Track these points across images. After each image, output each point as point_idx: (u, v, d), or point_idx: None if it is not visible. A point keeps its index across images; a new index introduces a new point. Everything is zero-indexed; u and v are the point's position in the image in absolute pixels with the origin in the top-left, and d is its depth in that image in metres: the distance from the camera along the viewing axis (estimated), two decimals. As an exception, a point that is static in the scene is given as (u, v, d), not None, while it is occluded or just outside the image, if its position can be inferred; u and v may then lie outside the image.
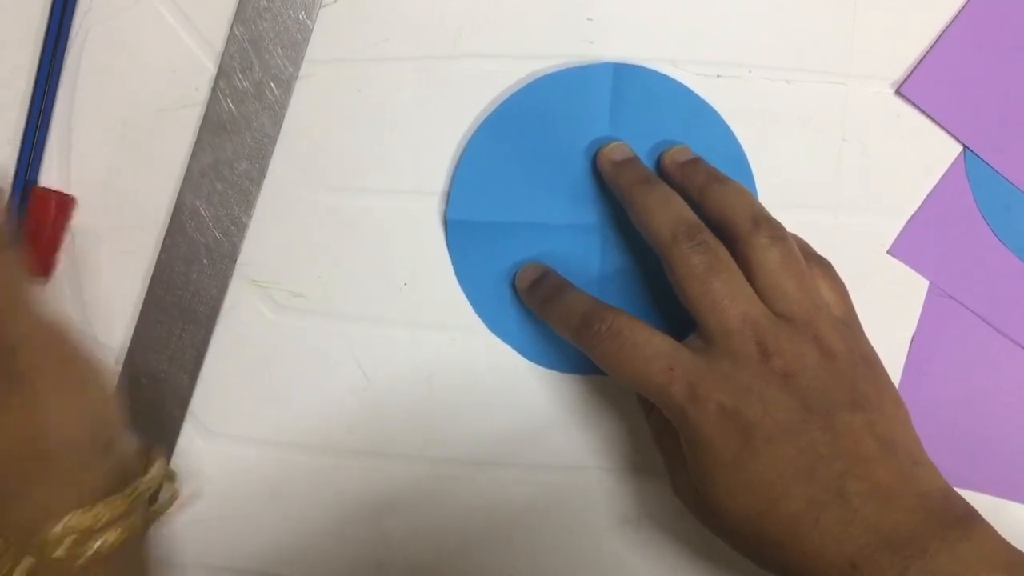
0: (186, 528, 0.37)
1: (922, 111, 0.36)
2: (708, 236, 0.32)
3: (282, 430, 0.37)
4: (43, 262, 0.36)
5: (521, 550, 0.37)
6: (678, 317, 0.33)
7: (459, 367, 0.37)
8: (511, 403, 0.37)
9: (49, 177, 0.37)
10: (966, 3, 0.36)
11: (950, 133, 0.36)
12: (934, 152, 0.37)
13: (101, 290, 0.37)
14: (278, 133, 0.36)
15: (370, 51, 0.36)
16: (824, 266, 0.34)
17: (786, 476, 0.29)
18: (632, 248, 0.36)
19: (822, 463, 0.29)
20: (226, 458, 0.37)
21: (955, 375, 0.37)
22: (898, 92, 0.36)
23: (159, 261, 0.37)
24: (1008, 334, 0.37)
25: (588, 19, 0.36)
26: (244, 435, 0.37)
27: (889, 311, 0.37)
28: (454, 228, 0.36)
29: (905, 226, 0.37)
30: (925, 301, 0.37)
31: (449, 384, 0.37)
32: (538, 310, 0.35)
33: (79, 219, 0.37)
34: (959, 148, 0.37)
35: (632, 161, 0.35)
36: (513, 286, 0.36)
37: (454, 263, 0.36)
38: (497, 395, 0.37)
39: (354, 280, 0.37)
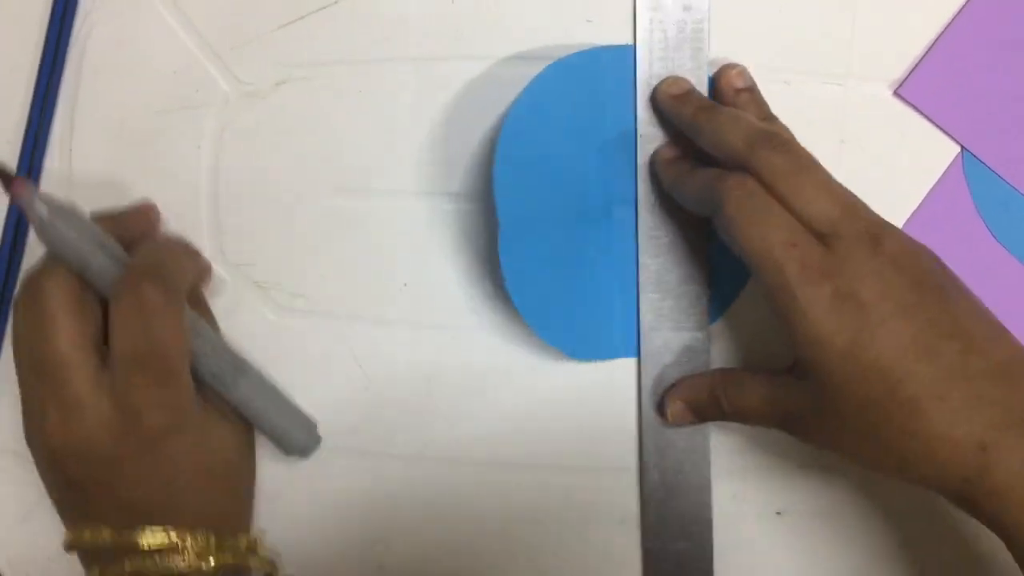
0: (186, 528, 0.38)
1: (920, 112, 0.36)
2: (789, 137, 0.31)
3: (282, 430, 0.37)
4: None
5: (521, 550, 0.37)
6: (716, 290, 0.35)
7: (459, 367, 0.37)
8: (511, 403, 0.37)
9: (50, 177, 0.37)
10: (964, 4, 0.36)
11: (948, 134, 0.37)
12: (932, 153, 0.37)
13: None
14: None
15: (370, 51, 0.36)
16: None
17: (906, 357, 0.28)
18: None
19: (942, 342, 0.28)
20: (226, 458, 0.37)
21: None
22: (896, 93, 0.36)
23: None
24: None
25: (587, 20, 0.36)
26: (244, 435, 0.37)
27: (887, 311, 0.37)
28: (503, 164, 0.34)
29: (903, 227, 0.37)
30: (923, 301, 0.37)
31: (449, 384, 0.37)
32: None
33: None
34: (957, 149, 0.37)
35: (691, 92, 0.35)
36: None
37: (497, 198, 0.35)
38: (497, 395, 0.37)
39: (354, 280, 0.37)
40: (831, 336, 0.29)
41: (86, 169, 0.37)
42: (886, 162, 0.37)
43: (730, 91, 0.34)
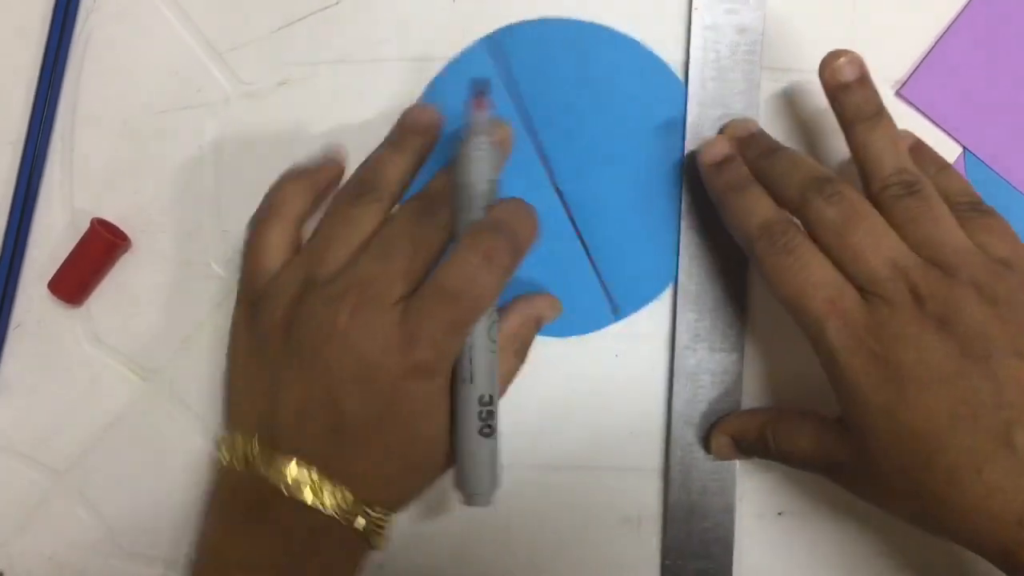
0: (188, 528, 0.38)
1: (922, 112, 0.36)
2: (843, 186, 0.30)
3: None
4: (76, 289, 0.37)
5: (521, 550, 0.37)
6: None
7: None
8: (510, 403, 0.37)
9: (51, 176, 0.37)
10: (966, 5, 0.36)
11: (950, 135, 0.36)
12: (934, 153, 0.37)
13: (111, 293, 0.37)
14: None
15: (370, 51, 0.36)
16: (980, 209, 0.32)
17: (943, 426, 0.28)
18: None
19: (985, 411, 0.27)
20: (227, 458, 0.38)
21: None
22: (898, 94, 0.36)
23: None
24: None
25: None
26: (245, 435, 0.37)
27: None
28: None
29: (905, 227, 0.37)
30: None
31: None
32: (718, 194, 0.33)
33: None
34: (959, 149, 0.37)
35: (756, 136, 0.34)
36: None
37: None
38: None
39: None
40: (870, 396, 0.29)
41: (87, 168, 0.37)
42: (887, 162, 0.37)
43: (836, 86, 0.32)
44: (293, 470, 0.30)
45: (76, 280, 0.37)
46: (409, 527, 0.37)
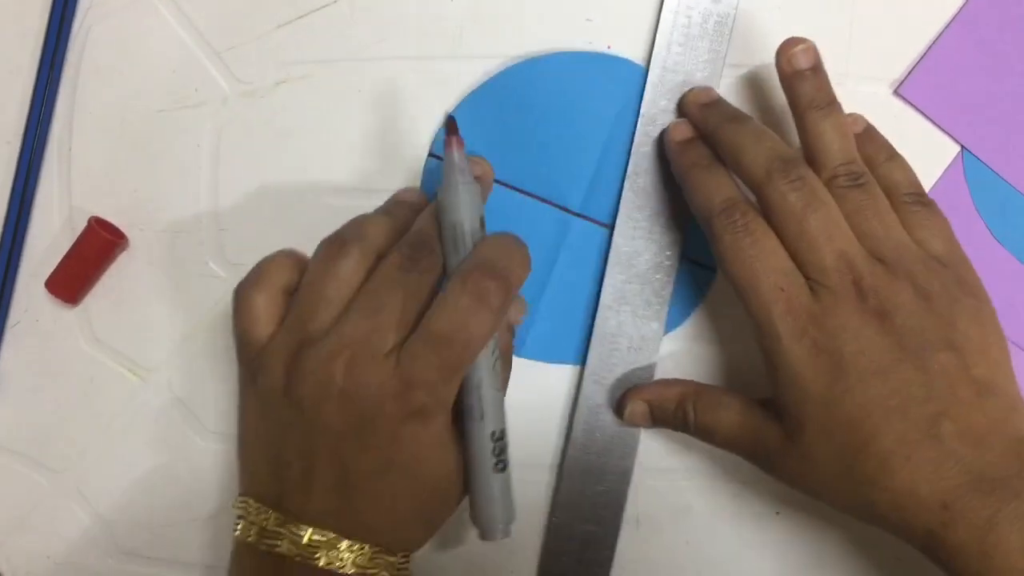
0: (186, 528, 0.38)
1: (920, 112, 0.36)
2: (805, 171, 0.31)
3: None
4: (74, 288, 0.37)
5: (521, 550, 0.37)
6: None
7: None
8: (510, 403, 0.37)
9: (50, 176, 0.37)
10: (964, 4, 0.36)
11: (948, 134, 0.37)
12: (932, 153, 0.37)
13: (113, 292, 0.37)
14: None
15: (370, 51, 0.36)
16: (923, 203, 0.33)
17: (877, 415, 0.29)
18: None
19: (915, 403, 0.29)
20: (225, 456, 0.37)
21: (953, 375, 0.37)
22: (896, 93, 0.36)
23: (159, 260, 0.37)
24: (1007, 334, 0.37)
25: (587, 20, 0.36)
26: (244, 434, 0.37)
27: (887, 311, 0.37)
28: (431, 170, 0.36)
29: (903, 226, 0.37)
30: (923, 301, 0.37)
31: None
32: (683, 170, 0.34)
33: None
34: (957, 149, 0.37)
35: (717, 102, 0.34)
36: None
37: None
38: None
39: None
40: (809, 382, 0.30)
41: (85, 168, 0.37)
42: (886, 162, 0.37)
43: (791, 73, 0.33)
44: (307, 534, 0.30)
45: (74, 279, 0.37)
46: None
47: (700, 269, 0.36)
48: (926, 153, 0.37)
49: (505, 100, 0.36)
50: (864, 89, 0.36)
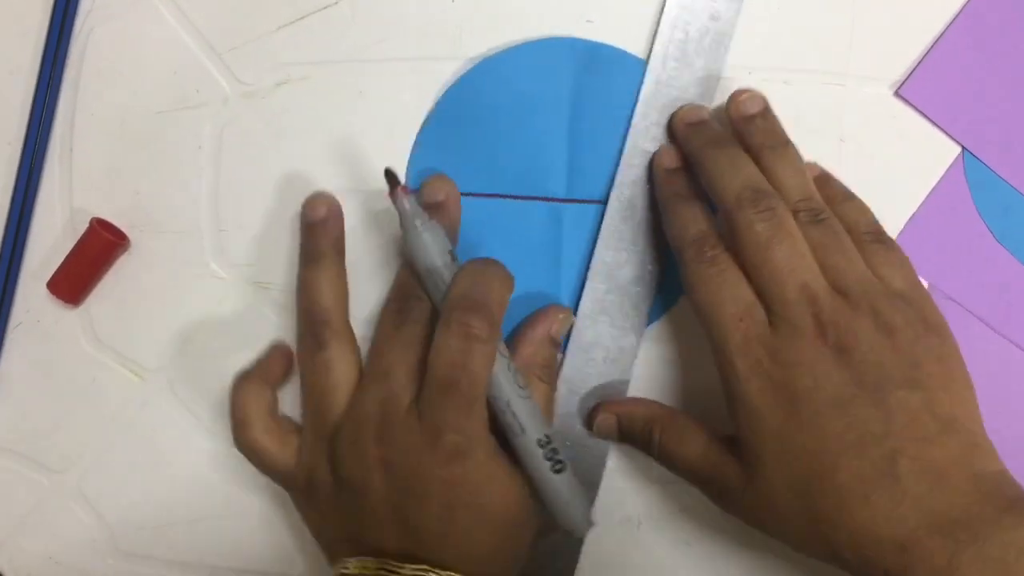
0: (186, 528, 0.38)
1: (921, 113, 0.36)
2: (776, 203, 0.31)
3: (282, 430, 0.37)
4: (75, 289, 0.37)
5: (520, 550, 0.37)
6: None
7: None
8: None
9: (51, 177, 0.37)
10: (965, 4, 0.36)
11: (949, 135, 0.36)
12: (933, 154, 0.37)
13: (114, 293, 0.37)
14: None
15: (370, 51, 0.36)
16: (882, 241, 0.33)
17: (834, 449, 0.28)
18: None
19: (873, 440, 0.28)
20: (226, 457, 0.38)
21: (954, 376, 0.37)
22: (897, 93, 0.36)
23: (160, 261, 0.37)
24: (1007, 335, 0.37)
25: (588, 21, 0.36)
26: (244, 435, 0.37)
27: (888, 312, 0.37)
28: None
29: (903, 228, 0.37)
30: (924, 302, 0.37)
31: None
32: (663, 200, 0.34)
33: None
34: (958, 150, 0.37)
35: (704, 123, 0.35)
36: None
37: None
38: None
39: (357, 280, 0.37)
40: (766, 415, 0.30)
41: (86, 169, 0.37)
42: (886, 163, 0.37)
43: (740, 118, 0.34)
44: (407, 571, 0.31)
45: (75, 280, 0.37)
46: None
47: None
48: (927, 154, 0.37)
49: (462, 114, 0.36)
50: (864, 90, 0.36)
